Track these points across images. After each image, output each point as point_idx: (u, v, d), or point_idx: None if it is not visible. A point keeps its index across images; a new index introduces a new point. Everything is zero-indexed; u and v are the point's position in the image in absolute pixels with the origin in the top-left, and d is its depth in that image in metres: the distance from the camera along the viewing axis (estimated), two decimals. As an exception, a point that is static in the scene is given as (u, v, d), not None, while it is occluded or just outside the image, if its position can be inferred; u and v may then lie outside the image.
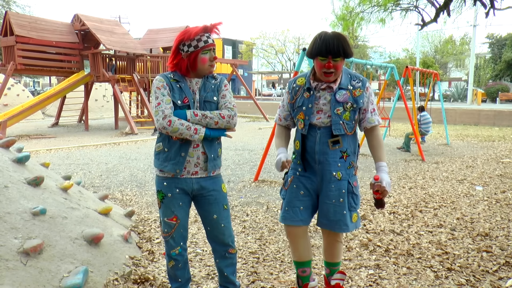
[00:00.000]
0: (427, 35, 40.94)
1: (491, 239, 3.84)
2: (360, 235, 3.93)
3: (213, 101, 2.39)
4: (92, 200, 3.90)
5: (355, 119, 2.42)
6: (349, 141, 2.44)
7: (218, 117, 2.32)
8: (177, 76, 2.37)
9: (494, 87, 30.65)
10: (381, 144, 2.46)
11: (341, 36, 2.31)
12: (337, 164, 2.41)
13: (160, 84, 2.31)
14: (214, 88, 2.41)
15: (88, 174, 6.94)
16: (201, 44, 2.29)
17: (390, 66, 8.77)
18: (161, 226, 2.46)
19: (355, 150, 2.49)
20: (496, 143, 11.01)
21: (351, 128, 2.42)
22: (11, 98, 20.28)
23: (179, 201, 2.39)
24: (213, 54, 2.34)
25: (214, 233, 2.49)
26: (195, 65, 2.32)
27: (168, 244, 2.46)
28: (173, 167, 2.32)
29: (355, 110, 2.40)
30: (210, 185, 2.42)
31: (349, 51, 2.31)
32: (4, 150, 3.57)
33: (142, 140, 12.00)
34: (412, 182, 6.34)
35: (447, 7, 9.36)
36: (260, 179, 6.38)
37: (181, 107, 2.31)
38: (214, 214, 2.44)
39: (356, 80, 2.42)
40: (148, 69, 16.23)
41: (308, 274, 2.65)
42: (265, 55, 47.23)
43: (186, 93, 2.33)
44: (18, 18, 14.13)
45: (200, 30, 2.30)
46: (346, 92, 2.38)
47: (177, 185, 2.37)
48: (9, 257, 2.36)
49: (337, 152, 2.41)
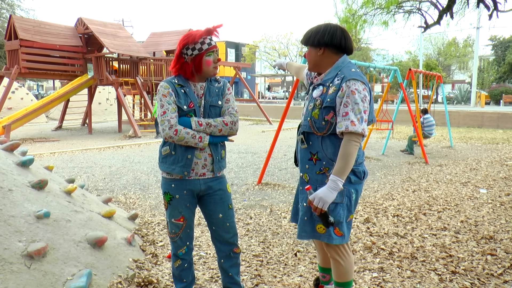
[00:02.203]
0: (430, 38, 40.85)
1: (496, 242, 3.82)
2: (363, 238, 3.92)
3: (218, 105, 2.42)
4: (96, 203, 3.91)
5: (325, 119, 2.18)
6: (323, 144, 2.23)
7: (222, 125, 2.35)
8: (181, 80, 2.38)
9: (497, 89, 30.56)
10: (342, 155, 2.10)
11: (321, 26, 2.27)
12: (305, 165, 2.31)
13: (166, 92, 2.33)
14: (218, 92, 2.44)
15: (91, 177, 6.96)
16: (205, 46, 2.31)
17: (393, 69, 8.76)
18: (168, 227, 2.49)
19: (332, 157, 2.21)
20: (500, 146, 10.96)
21: (321, 128, 2.20)
22: (15, 101, 20.38)
23: (187, 202, 2.42)
24: (216, 56, 2.37)
25: (219, 232, 2.51)
26: (200, 68, 2.34)
27: (175, 244, 2.48)
28: (181, 170, 2.34)
29: (323, 109, 2.18)
30: (216, 185, 2.45)
31: (310, 38, 2.26)
32: (8, 154, 3.59)
33: (145, 143, 12.02)
34: (416, 184, 6.32)
35: (450, 9, 9.35)
36: (263, 182, 6.37)
37: (187, 111, 2.33)
38: (220, 213, 2.47)
39: (339, 78, 2.18)
40: (151, 72, 16.27)
41: (327, 280, 2.65)
42: (268, 58, 47.28)
43: (191, 98, 2.35)
44: (23, 22, 14.22)
45: (203, 33, 2.33)
46: (323, 89, 2.24)
47: (186, 187, 2.39)
48: (13, 260, 2.36)
49: (306, 152, 2.30)
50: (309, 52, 2.31)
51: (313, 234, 2.27)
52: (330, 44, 2.24)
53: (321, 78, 2.29)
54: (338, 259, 2.32)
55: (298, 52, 44.09)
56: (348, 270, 2.34)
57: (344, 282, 2.37)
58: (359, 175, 2.30)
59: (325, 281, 2.68)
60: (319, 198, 2.07)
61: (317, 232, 2.25)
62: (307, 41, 2.30)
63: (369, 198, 5.40)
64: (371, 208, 4.97)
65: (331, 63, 2.27)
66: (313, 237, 2.28)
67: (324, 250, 2.57)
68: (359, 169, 2.29)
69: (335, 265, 2.35)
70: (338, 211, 2.22)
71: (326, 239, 2.25)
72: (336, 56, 2.28)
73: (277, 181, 6.55)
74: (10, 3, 26.31)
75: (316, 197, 2.09)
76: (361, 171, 2.30)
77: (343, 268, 2.33)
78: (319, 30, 2.25)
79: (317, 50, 2.27)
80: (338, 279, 2.37)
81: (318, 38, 2.25)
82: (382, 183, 6.38)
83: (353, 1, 12.36)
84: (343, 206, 2.24)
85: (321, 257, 2.65)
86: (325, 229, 2.22)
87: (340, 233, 2.24)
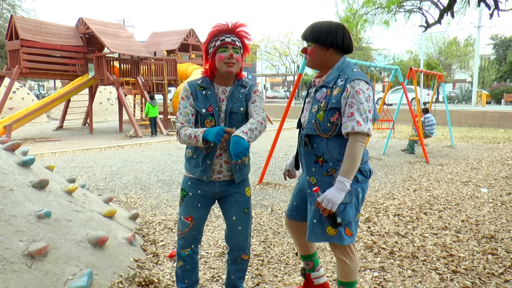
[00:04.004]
0: (431, 37, 40.83)
1: (497, 242, 3.82)
2: (364, 238, 3.92)
3: (240, 112, 2.35)
4: (97, 203, 3.91)
5: (330, 121, 2.17)
6: (328, 145, 2.21)
7: (260, 125, 2.21)
8: (205, 82, 2.35)
9: (498, 88, 30.49)
10: (348, 156, 2.10)
11: (323, 23, 2.23)
12: (311, 168, 2.28)
13: (184, 95, 2.34)
14: (242, 98, 2.36)
15: (92, 177, 6.97)
16: (218, 43, 2.29)
17: (394, 68, 8.75)
18: (178, 224, 2.50)
19: (338, 158, 2.21)
20: (501, 145, 10.95)
21: (326, 130, 2.19)
22: (16, 101, 20.40)
23: (198, 202, 2.41)
24: (230, 52, 2.26)
25: (230, 234, 2.50)
26: (214, 65, 2.30)
27: (180, 243, 2.48)
28: (201, 174, 2.36)
29: (328, 111, 2.17)
30: (233, 187, 2.43)
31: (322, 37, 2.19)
32: (10, 153, 3.59)
33: (146, 143, 12.03)
34: (417, 184, 6.31)
35: (451, 8, 9.34)
36: (264, 182, 6.38)
37: (205, 115, 2.31)
38: (234, 216, 2.45)
39: (342, 78, 2.17)
40: (152, 72, 16.28)
41: (312, 267, 2.69)
42: (269, 57, 47.28)
43: (211, 101, 2.31)
44: (24, 22, 14.23)
45: (218, 31, 2.31)
46: (326, 90, 2.21)
47: (200, 187, 2.40)
48: (14, 260, 2.37)
49: (310, 155, 2.28)
50: (314, 50, 2.24)
51: (324, 236, 2.26)
52: (339, 46, 2.22)
53: (323, 80, 2.27)
54: (345, 259, 2.31)
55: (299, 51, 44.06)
56: (353, 270, 2.33)
57: (348, 282, 2.35)
58: (365, 174, 2.30)
59: (310, 268, 2.70)
60: (328, 200, 2.07)
61: (328, 234, 2.24)
62: (317, 39, 2.21)
63: (370, 198, 5.40)
64: (372, 207, 4.96)
65: (334, 63, 2.26)
66: (323, 239, 2.26)
67: (301, 239, 2.59)
68: (365, 168, 2.29)
69: (341, 265, 2.33)
70: (348, 212, 2.22)
71: (338, 241, 2.24)
72: (338, 57, 2.26)
73: (278, 180, 6.55)
74: (11, 4, 26.34)
75: (324, 198, 2.08)
76: (367, 169, 2.30)
77: (349, 268, 2.32)
78: (331, 30, 2.19)
79: (324, 49, 2.23)
80: (343, 278, 2.35)
81: (331, 39, 2.19)
82: (383, 183, 6.38)
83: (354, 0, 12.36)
84: (352, 206, 2.23)
85: (299, 246, 2.66)
86: (336, 231, 2.21)
87: (350, 233, 2.24)
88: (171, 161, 8.55)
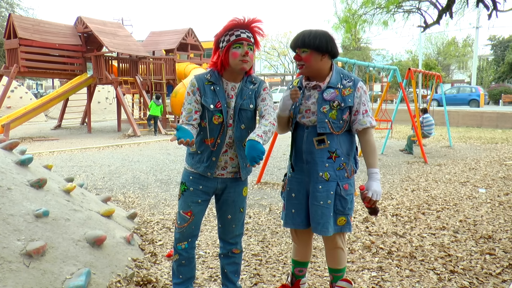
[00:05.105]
0: (430, 37, 40.89)
1: (494, 242, 3.83)
2: (362, 237, 3.92)
3: (249, 109, 2.34)
4: (95, 202, 3.91)
5: (343, 118, 2.35)
6: (339, 141, 2.38)
7: (272, 127, 2.21)
8: (214, 77, 2.31)
9: (497, 89, 30.55)
10: (373, 149, 2.38)
11: (316, 31, 2.31)
12: (324, 164, 2.37)
13: (191, 89, 2.30)
14: (252, 94, 2.34)
15: (90, 176, 6.96)
16: (232, 38, 2.23)
17: (393, 68, 8.76)
18: (176, 217, 2.48)
19: (348, 152, 2.42)
20: (499, 145, 10.97)
21: (338, 127, 2.35)
22: (14, 100, 20.36)
23: (199, 198, 2.40)
24: (245, 49, 2.23)
25: (223, 230, 2.53)
26: (227, 60, 2.25)
27: (177, 237, 2.47)
28: (205, 170, 2.34)
29: (342, 109, 2.34)
30: (233, 186, 2.43)
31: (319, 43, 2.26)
32: (7, 152, 3.59)
33: (144, 142, 12.02)
34: (415, 184, 6.32)
35: (449, 9, 9.36)
36: (262, 181, 6.38)
37: (213, 111, 2.27)
38: (229, 215, 2.48)
39: (347, 80, 2.37)
40: (151, 71, 16.26)
41: (304, 274, 2.75)
42: (268, 57, 47.29)
43: (220, 97, 2.28)
44: (22, 21, 14.19)
45: (233, 25, 2.26)
46: (335, 91, 2.34)
47: (202, 183, 2.38)
48: (12, 259, 2.36)
49: (324, 151, 2.36)
50: (312, 56, 2.30)
51: (336, 227, 2.42)
52: (334, 52, 2.34)
53: (327, 82, 2.38)
54: (342, 247, 2.52)
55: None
56: (346, 256, 2.58)
57: (344, 267, 2.59)
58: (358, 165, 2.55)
59: (302, 275, 2.75)
60: (376, 192, 2.30)
61: (339, 225, 2.42)
62: (318, 46, 2.27)
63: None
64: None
65: (327, 68, 2.39)
66: (336, 230, 2.42)
67: (309, 245, 2.64)
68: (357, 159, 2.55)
69: (339, 253, 2.52)
70: (352, 201, 2.46)
71: (348, 229, 2.46)
72: (329, 61, 2.40)
73: (276, 180, 6.55)
74: (9, 2, 26.29)
75: (373, 192, 2.30)
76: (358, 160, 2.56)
77: (344, 254, 2.55)
78: (328, 37, 2.30)
79: (320, 56, 2.32)
80: (341, 265, 2.55)
81: (329, 46, 2.29)
82: (381, 183, 6.39)
83: (352, 0, 12.38)
84: (353, 196, 2.48)
85: (303, 253, 2.66)
86: (346, 220, 2.42)
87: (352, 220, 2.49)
88: (170, 161, 8.55)
